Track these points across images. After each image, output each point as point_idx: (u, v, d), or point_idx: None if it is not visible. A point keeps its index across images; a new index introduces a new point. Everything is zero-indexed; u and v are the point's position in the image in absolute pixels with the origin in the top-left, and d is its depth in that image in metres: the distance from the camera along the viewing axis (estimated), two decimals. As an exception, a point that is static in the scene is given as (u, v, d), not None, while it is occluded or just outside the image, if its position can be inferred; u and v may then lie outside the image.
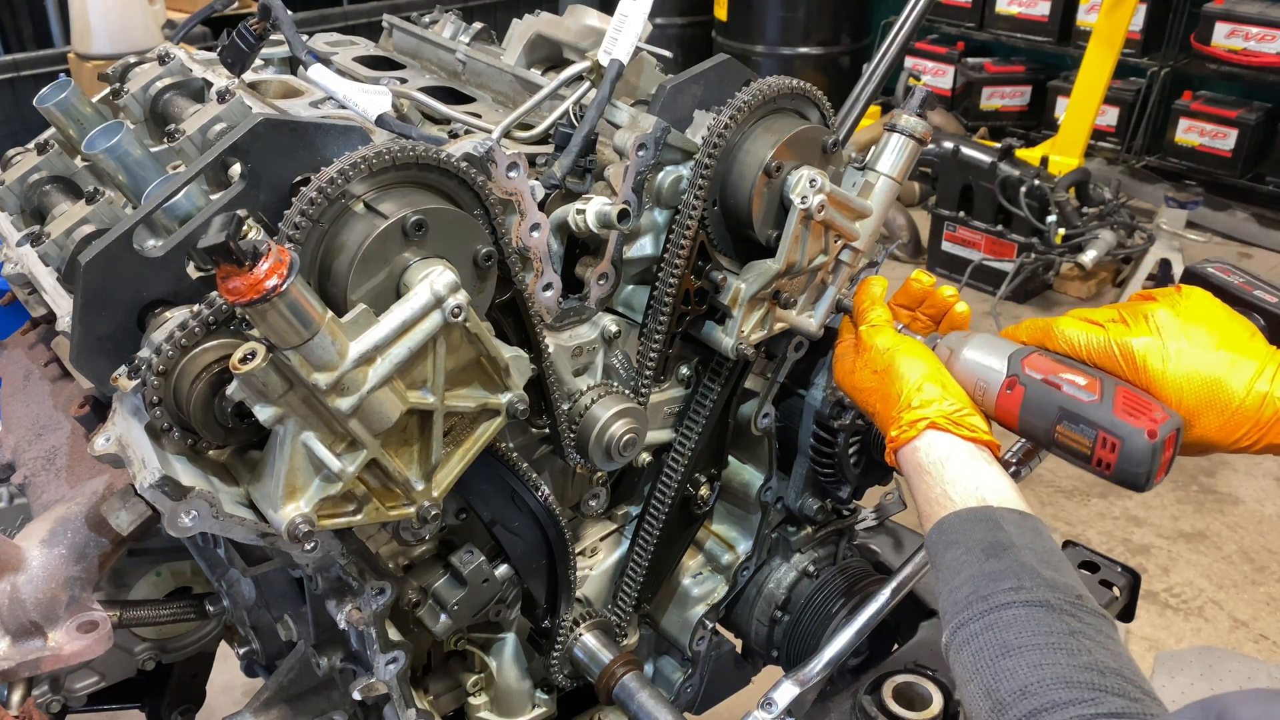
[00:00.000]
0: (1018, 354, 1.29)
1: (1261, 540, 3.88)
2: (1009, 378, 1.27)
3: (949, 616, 1.11)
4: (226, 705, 2.06)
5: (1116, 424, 1.18)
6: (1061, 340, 1.29)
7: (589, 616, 1.58)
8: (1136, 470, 1.17)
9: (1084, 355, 1.27)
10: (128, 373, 1.11)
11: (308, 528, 1.10)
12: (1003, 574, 1.09)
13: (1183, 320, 1.23)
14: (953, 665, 1.09)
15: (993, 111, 7.11)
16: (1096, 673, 0.98)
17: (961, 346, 1.32)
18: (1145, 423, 1.17)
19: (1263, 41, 5.94)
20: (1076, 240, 5.35)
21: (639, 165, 1.32)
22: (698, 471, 1.61)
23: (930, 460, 1.23)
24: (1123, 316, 1.27)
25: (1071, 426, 1.21)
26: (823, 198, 1.34)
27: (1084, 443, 1.21)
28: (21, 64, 5.23)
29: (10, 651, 1.33)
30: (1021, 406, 1.25)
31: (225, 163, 1.15)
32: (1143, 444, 1.16)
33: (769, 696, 1.43)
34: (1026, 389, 1.25)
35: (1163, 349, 1.22)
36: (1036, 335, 1.32)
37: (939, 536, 1.18)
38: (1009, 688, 1.00)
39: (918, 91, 1.47)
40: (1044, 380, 1.24)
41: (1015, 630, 1.04)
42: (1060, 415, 1.22)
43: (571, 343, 1.41)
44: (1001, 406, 1.27)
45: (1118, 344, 1.24)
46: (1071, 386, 1.22)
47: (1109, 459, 1.19)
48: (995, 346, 1.31)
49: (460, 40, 1.76)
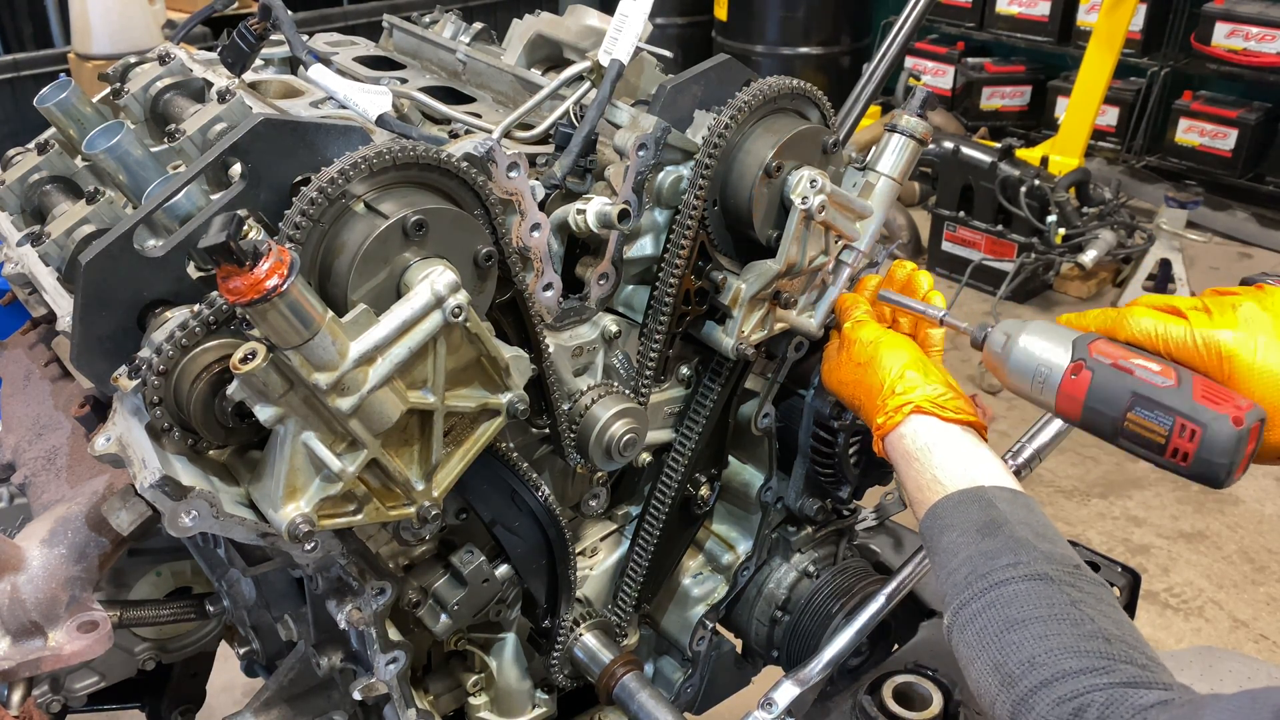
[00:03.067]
0: (1083, 339, 1.20)
1: (1261, 540, 3.88)
2: (1074, 362, 1.18)
3: (949, 599, 1.11)
4: (226, 705, 2.05)
5: (1198, 409, 1.09)
6: (1135, 329, 1.20)
7: (589, 616, 1.58)
8: (1219, 460, 1.08)
9: (1159, 347, 1.18)
10: (128, 373, 1.11)
11: (308, 528, 1.10)
12: (1000, 551, 1.09)
13: (1271, 315, 1.15)
14: (956, 646, 1.08)
15: (993, 111, 7.11)
16: (1103, 640, 0.98)
17: (1019, 332, 1.23)
18: (1230, 409, 1.08)
19: (1263, 41, 5.94)
20: (1076, 240, 5.35)
21: (639, 165, 1.32)
22: (698, 471, 1.61)
23: (917, 446, 1.23)
24: (1205, 306, 1.18)
25: (1145, 413, 1.12)
26: (823, 198, 1.34)
27: (1159, 431, 1.11)
28: (21, 64, 5.23)
29: (10, 651, 1.33)
30: (1088, 393, 1.16)
31: (226, 163, 1.15)
32: (1227, 431, 1.07)
33: (769, 696, 1.43)
34: (1094, 373, 1.16)
35: (1251, 341, 1.13)
36: (1105, 324, 1.23)
37: (933, 522, 1.18)
38: (1017, 660, 0.99)
39: (918, 92, 1.47)
40: (1114, 365, 1.16)
41: (1018, 605, 1.04)
42: (1133, 401, 1.13)
43: (572, 343, 1.41)
44: (1065, 393, 1.18)
45: (1201, 335, 1.15)
46: (1145, 371, 1.14)
47: (1187, 448, 1.10)
48: (1056, 333, 1.22)
49: (460, 40, 1.76)
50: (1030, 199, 5.24)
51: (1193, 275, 5.54)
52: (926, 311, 1.39)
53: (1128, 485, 4.15)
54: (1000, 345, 1.25)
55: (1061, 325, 1.25)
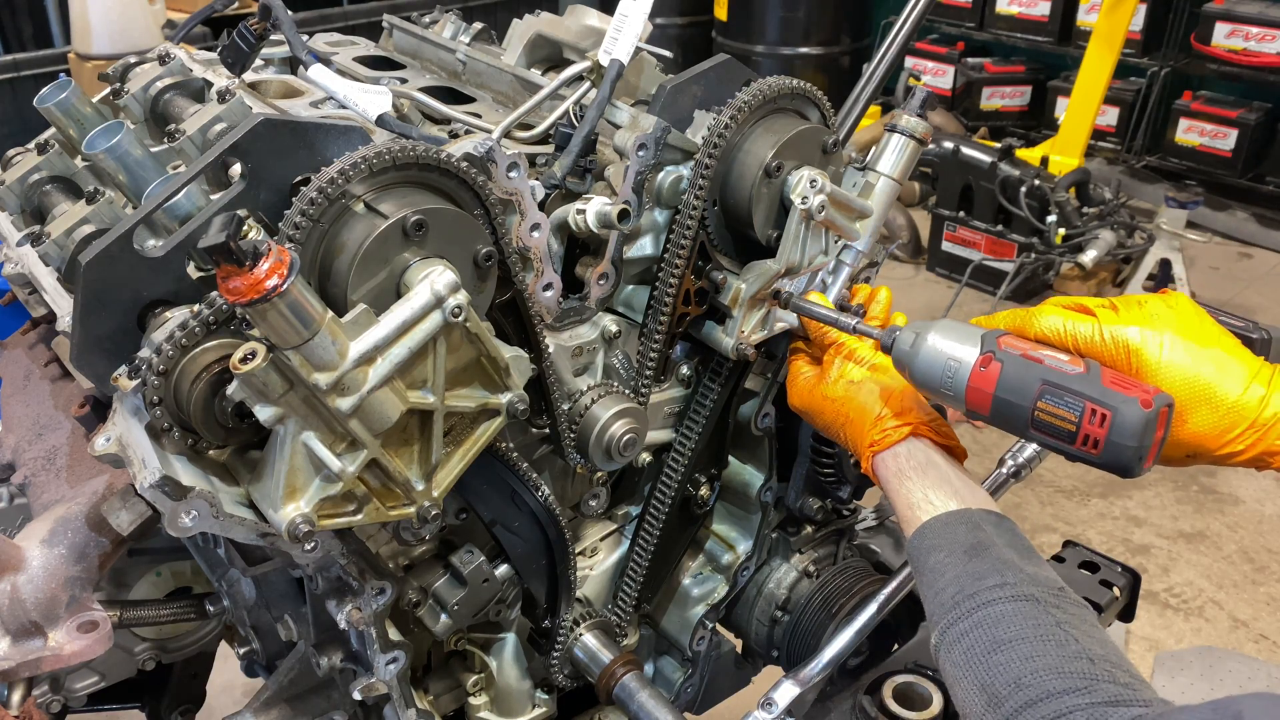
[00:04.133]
0: (992, 334, 1.19)
1: (1261, 540, 3.88)
2: (984, 354, 1.17)
3: (936, 618, 1.13)
4: (226, 705, 2.05)
5: (1108, 394, 1.08)
6: (1044, 325, 1.20)
7: (589, 616, 1.58)
8: (1129, 444, 1.07)
9: (1068, 343, 1.18)
10: (128, 373, 1.11)
11: (308, 528, 1.10)
12: (987, 572, 1.11)
13: (1176, 314, 1.17)
14: (943, 665, 1.11)
15: (993, 111, 7.12)
16: (1087, 661, 1.00)
17: (928, 330, 1.22)
18: (1138, 393, 1.07)
19: (1263, 41, 5.94)
20: (1076, 240, 5.35)
21: (639, 165, 1.32)
22: (698, 471, 1.61)
23: (912, 465, 1.26)
24: (1112, 304, 1.20)
25: (1055, 400, 1.11)
26: (823, 198, 1.34)
27: (1069, 418, 1.10)
28: (21, 64, 5.23)
29: (10, 651, 1.33)
30: (998, 384, 1.15)
31: (225, 163, 1.15)
32: (1136, 413, 1.06)
33: (769, 696, 1.43)
34: (1004, 364, 1.15)
35: (1157, 338, 1.15)
36: (1015, 323, 1.23)
37: (921, 541, 1.20)
38: (1002, 680, 1.01)
39: (918, 92, 1.47)
40: (1023, 356, 1.15)
41: (1004, 625, 1.06)
42: (1043, 389, 1.12)
43: (572, 343, 1.41)
44: (974, 387, 1.17)
45: (1109, 331, 1.16)
46: (1055, 360, 1.13)
47: (1098, 434, 1.08)
48: (965, 330, 1.21)
49: (460, 40, 1.76)
50: (1030, 199, 5.24)
51: (1193, 275, 5.54)
52: (838, 321, 1.36)
53: (1128, 485, 4.15)
54: (909, 344, 1.23)
55: (972, 325, 1.24)
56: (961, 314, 5.43)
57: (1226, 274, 5.87)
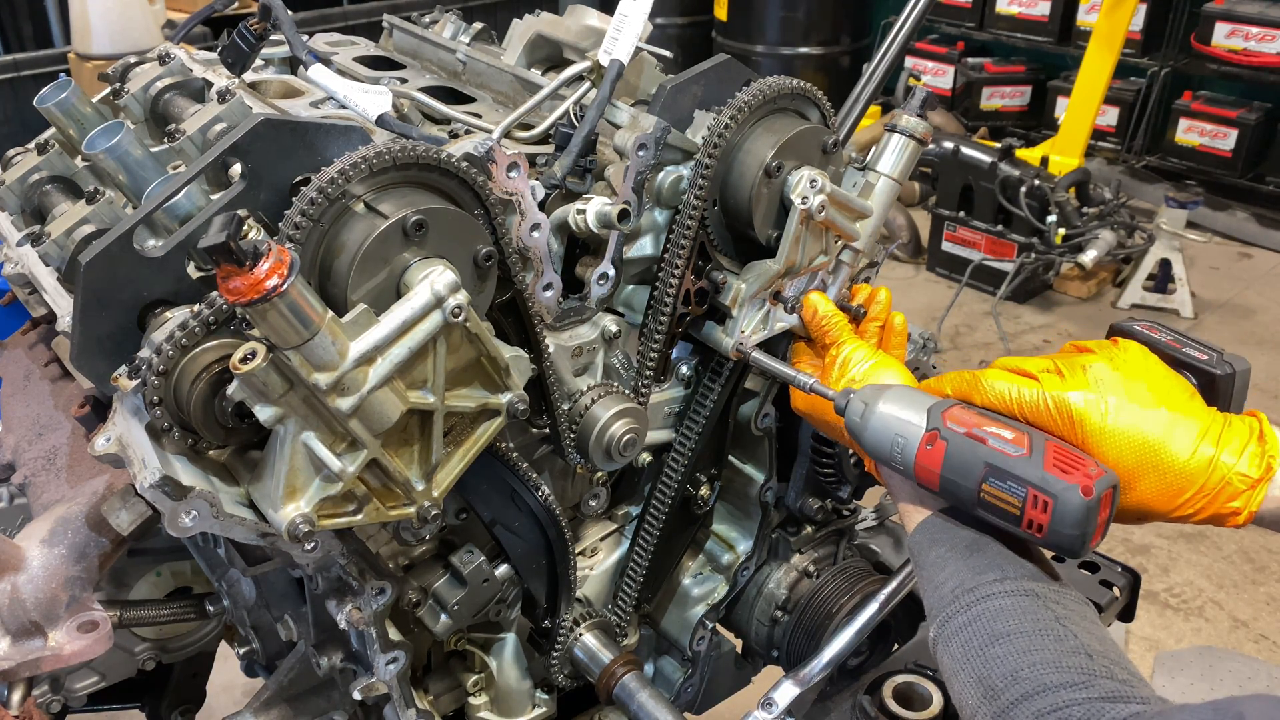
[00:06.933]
0: (938, 406, 1.17)
1: (1261, 540, 3.88)
2: (929, 432, 1.15)
3: (935, 612, 1.13)
4: (226, 705, 2.06)
5: (1048, 480, 1.06)
6: (989, 393, 1.17)
7: (589, 616, 1.58)
8: (1071, 533, 1.05)
9: (1014, 410, 1.15)
10: (128, 373, 1.11)
11: (308, 528, 1.10)
12: (986, 566, 1.12)
13: (1122, 375, 1.13)
14: (940, 658, 1.11)
15: (993, 111, 7.12)
16: (1084, 656, 1.00)
17: (876, 400, 1.21)
18: (1079, 478, 1.05)
19: (1263, 41, 5.95)
20: (1076, 240, 5.36)
21: (639, 165, 1.32)
22: (698, 471, 1.61)
23: None
24: (1057, 368, 1.16)
25: (999, 484, 1.09)
26: (823, 198, 1.34)
27: (1013, 503, 1.08)
28: (21, 64, 5.23)
29: (10, 651, 1.33)
30: (943, 464, 1.13)
31: (225, 163, 1.15)
32: (1076, 502, 1.04)
33: (769, 696, 1.43)
34: (949, 443, 1.13)
35: (1101, 404, 1.11)
36: (961, 388, 1.21)
37: (922, 536, 1.21)
38: (999, 674, 1.01)
39: (918, 92, 1.47)
40: (967, 434, 1.12)
41: (1003, 619, 1.06)
42: (986, 472, 1.10)
43: (572, 343, 1.41)
44: (921, 464, 1.15)
45: (1052, 397, 1.13)
46: (998, 440, 1.11)
47: (1041, 520, 1.06)
48: (913, 399, 1.19)
49: (460, 40, 1.76)
50: (1030, 199, 5.24)
51: (1193, 275, 5.54)
52: (796, 380, 1.36)
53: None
54: (859, 414, 1.22)
55: (919, 391, 1.22)
56: (961, 314, 5.44)
57: (1226, 274, 5.87)
